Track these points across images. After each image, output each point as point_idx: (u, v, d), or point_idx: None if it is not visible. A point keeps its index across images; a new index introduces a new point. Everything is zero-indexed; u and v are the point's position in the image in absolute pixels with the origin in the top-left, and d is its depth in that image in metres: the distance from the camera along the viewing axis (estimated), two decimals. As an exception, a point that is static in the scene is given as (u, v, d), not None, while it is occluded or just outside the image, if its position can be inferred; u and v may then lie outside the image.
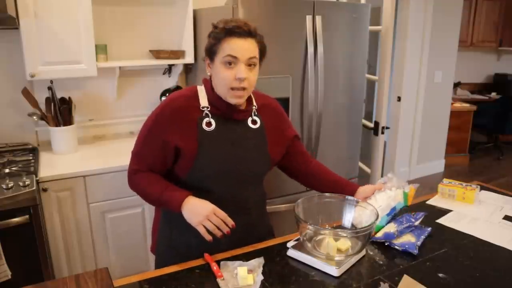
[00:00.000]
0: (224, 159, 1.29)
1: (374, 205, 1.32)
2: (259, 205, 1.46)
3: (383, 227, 1.39)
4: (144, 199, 1.34)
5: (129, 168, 1.35)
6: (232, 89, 1.23)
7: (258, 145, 1.35)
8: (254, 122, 1.35)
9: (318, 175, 1.51)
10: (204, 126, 1.28)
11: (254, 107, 1.36)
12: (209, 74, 1.30)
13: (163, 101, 1.32)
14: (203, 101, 1.30)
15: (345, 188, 1.45)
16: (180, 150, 1.27)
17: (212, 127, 1.28)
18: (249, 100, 1.37)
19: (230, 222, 1.21)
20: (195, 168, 1.27)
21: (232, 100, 1.25)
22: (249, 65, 1.22)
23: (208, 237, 1.19)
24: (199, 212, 1.20)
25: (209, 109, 1.29)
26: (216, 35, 1.23)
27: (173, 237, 1.39)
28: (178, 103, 1.29)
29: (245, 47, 1.20)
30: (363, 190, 1.42)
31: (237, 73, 1.20)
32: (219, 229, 1.21)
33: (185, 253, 1.32)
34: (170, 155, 1.29)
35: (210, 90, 1.30)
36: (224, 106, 1.29)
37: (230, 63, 1.21)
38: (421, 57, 4.18)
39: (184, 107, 1.28)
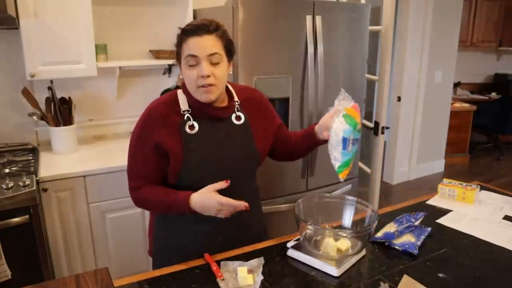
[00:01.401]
0: (212, 161, 1.28)
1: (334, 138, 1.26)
2: (253, 203, 1.45)
3: (350, 160, 1.26)
4: (153, 212, 1.34)
5: (128, 187, 1.34)
6: (199, 87, 1.22)
7: (245, 142, 1.34)
8: (238, 118, 1.34)
9: (293, 144, 1.49)
10: (187, 129, 1.26)
11: (236, 103, 1.35)
12: (181, 77, 1.29)
13: (144, 112, 1.31)
14: (183, 105, 1.29)
15: (307, 135, 1.43)
16: (168, 153, 1.27)
17: (195, 129, 1.27)
18: (230, 96, 1.35)
19: (240, 205, 1.20)
20: (183, 172, 1.26)
21: (202, 97, 1.24)
22: (213, 61, 1.21)
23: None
24: (208, 209, 1.21)
25: (190, 112, 1.28)
26: (178, 39, 1.24)
27: (167, 240, 1.39)
28: (159, 111, 1.28)
29: (203, 45, 1.20)
30: (319, 126, 1.36)
31: (199, 71, 1.20)
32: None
33: (181, 254, 1.31)
34: (164, 159, 1.28)
35: (188, 93, 1.29)
36: (204, 106, 1.27)
37: (192, 63, 1.21)
38: (421, 57, 4.18)
39: (165, 114, 1.27)
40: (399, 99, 4.21)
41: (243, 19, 1.99)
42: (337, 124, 1.25)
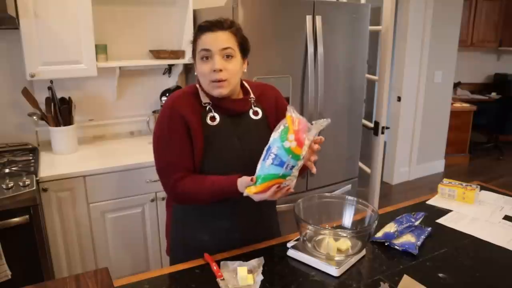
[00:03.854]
0: (232, 155, 1.29)
1: None
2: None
3: (263, 177, 1.10)
4: (197, 202, 1.30)
5: (166, 184, 1.29)
6: (212, 81, 1.24)
7: (263, 136, 1.32)
8: (255, 113, 1.35)
9: None
10: (208, 121, 1.28)
11: (252, 99, 1.36)
12: (196, 74, 1.30)
13: (166, 102, 1.31)
14: (204, 97, 1.31)
15: None
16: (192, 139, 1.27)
17: (217, 121, 1.29)
18: (245, 91, 1.37)
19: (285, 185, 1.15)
20: (203, 164, 1.27)
21: (215, 92, 1.25)
22: (226, 56, 1.23)
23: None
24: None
25: (211, 104, 1.30)
26: (193, 36, 1.28)
27: (186, 237, 1.40)
28: (182, 101, 1.29)
29: (216, 39, 1.22)
30: None
31: (212, 65, 1.22)
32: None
33: (200, 251, 1.29)
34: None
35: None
36: (222, 100, 1.29)
37: (206, 58, 1.23)
38: (421, 57, 4.18)
39: (188, 104, 1.28)
40: (399, 99, 4.21)
41: (243, 19, 1.99)
42: (273, 133, 1.13)
